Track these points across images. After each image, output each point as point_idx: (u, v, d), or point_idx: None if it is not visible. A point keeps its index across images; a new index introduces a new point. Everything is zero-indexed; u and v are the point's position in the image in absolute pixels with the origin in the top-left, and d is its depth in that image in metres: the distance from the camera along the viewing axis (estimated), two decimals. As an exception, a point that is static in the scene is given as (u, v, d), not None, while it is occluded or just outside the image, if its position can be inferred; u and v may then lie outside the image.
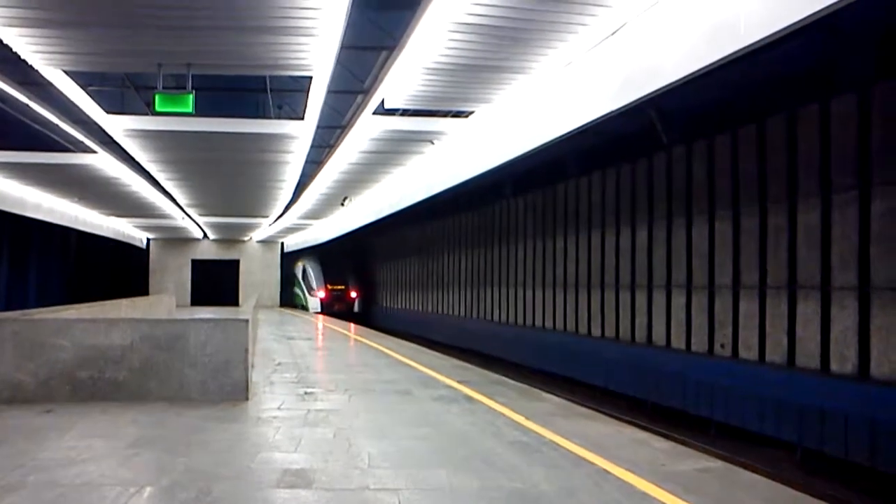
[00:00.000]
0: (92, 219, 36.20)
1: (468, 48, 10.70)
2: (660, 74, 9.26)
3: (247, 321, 10.25)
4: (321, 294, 46.68)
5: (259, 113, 17.97)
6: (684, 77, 8.84)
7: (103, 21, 10.57)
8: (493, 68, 11.82)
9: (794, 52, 10.74)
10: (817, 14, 6.96)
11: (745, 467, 7.51)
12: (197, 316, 14.00)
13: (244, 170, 22.56)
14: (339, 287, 47.19)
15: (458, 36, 10.20)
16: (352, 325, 31.79)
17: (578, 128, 12.02)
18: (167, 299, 32.89)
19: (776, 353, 12.61)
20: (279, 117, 17.72)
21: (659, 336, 15.92)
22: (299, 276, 51.07)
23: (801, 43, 9.60)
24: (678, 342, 15.24)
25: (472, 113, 15.33)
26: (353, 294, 47.20)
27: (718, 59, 8.16)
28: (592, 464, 6.48)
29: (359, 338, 22.46)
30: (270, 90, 16.29)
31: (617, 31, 10.11)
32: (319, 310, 45.23)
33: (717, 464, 6.86)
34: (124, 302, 21.84)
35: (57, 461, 6.37)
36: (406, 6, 9.60)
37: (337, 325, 30.01)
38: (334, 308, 45.41)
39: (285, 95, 17.21)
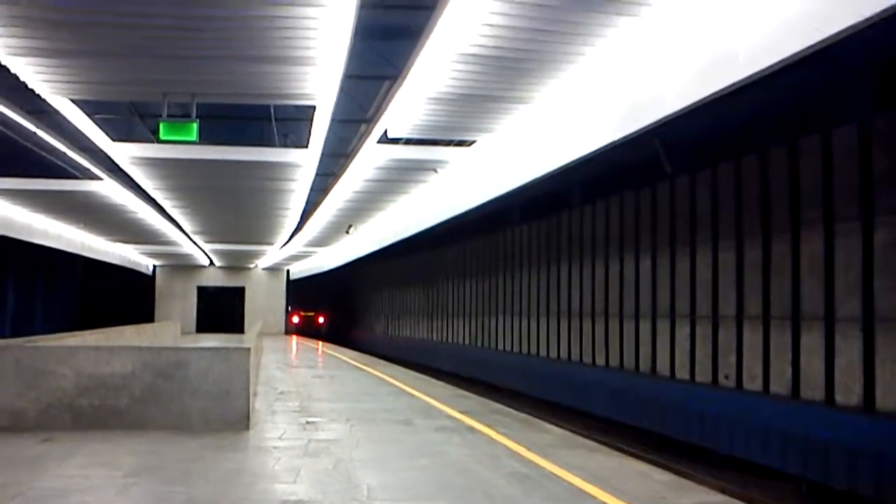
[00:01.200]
0: (98, 245, 36.34)
1: (470, 78, 10.80)
2: (661, 105, 9.31)
3: (249, 350, 10.25)
4: (295, 319, 57.82)
5: (264, 141, 18.10)
6: (685, 108, 8.88)
7: (109, 51, 10.71)
8: (495, 98, 11.92)
9: (796, 82, 10.78)
10: (815, 46, 7.01)
11: (748, 501, 7.44)
12: (200, 344, 13.99)
13: (249, 197, 22.68)
14: (310, 314, 60.34)
15: (459, 66, 10.29)
16: (355, 353, 31.74)
17: (582, 157, 12.07)
18: (172, 326, 32.91)
19: (781, 383, 12.52)
20: (284, 146, 17.84)
21: (663, 366, 15.85)
22: None
23: (802, 73, 9.64)
24: (682, 372, 15.17)
25: (474, 142, 15.42)
26: (321, 319, 60.31)
27: (718, 90, 8.21)
28: (592, 497, 6.43)
29: (361, 366, 22.42)
30: (275, 119, 16.42)
31: (618, 61, 10.17)
32: (295, 330, 54.73)
33: (718, 497, 6.81)
34: (128, 329, 21.85)
35: (55, 490, 6.35)
36: (408, 37, 9.70)
37: (341, 354, 29.96)
38: (305, 329, 56.34)
39: (290, 124, 17.34)
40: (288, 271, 51.05)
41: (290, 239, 33.39)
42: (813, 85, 11.27)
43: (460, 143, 15.76)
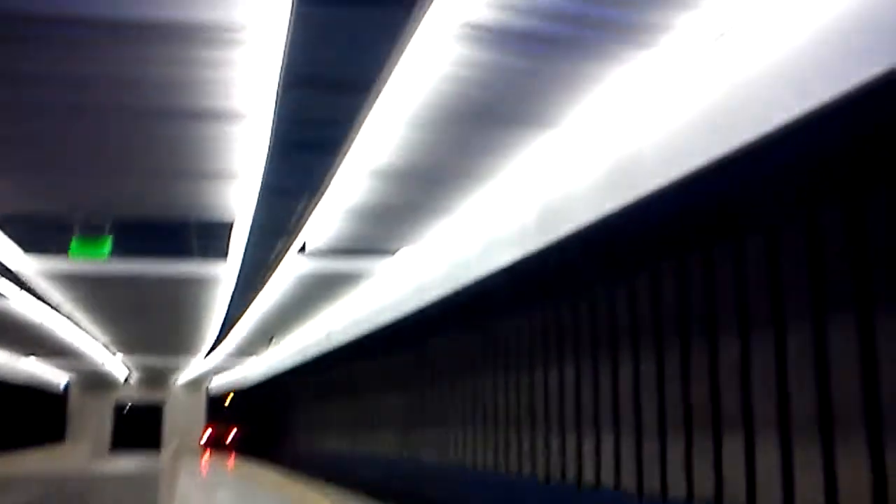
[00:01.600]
0: (3, 361, 34.77)
1: (387, 192, 10.88)
2: (572, 215, 9.49)
3: (162, 474, 9.78)
4: (216, 434, 57.39)
5: (182, 252, 17.72)
6: (596, 218, 9.06)
7: (17, 166, 10.50)
8: (413, 211, 12.02)
9: (706, 190, 11.10)
10: (718, 158, 7.26)
11: None
12: (113, 465, 13.31)
13: (167, 311, 22.19)
14: (220, 427, 59.47)
15: (376, 181, 10.37)
16: (278, 471, 30.75)
17: (499, 268, 12.15)
18: (82, 448, 31.43)
19: (704, 491, 12.46)
20: (203, 257, 17.52)
21: (588, 476, 15.66)
22: None
23: (709, 182, 9.95)
24: (608, 481, 14.99)
25: (397, 251, 15.45)
26: (232, 433, 59.31)
27: (624, 203, 8.40)
28: None
29: (282, 485, 21.65)
30: (193, 231, 16.18)
31: (536, 173, 10.40)
32: (204, 442, 54.53)
33: None
34: (34, 454, 20.73)
35: None
36: (325, 151, 9.76)
37: (263, 471, 28.98)
38: (215, 442, 56.31)
39: (208, 235, 17.11)
40: (208, 386, 49.65)
41: (210, 352, 32.59)
42: (721, 193, 11.62)
43: (383, 253, 15.76)
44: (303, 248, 14.68)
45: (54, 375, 43.89)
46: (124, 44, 7.53)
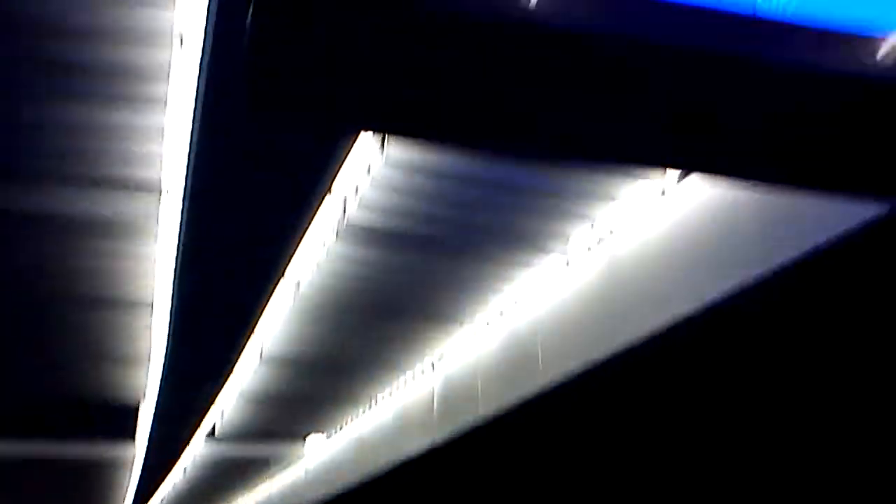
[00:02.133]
0: None
1: (291, 379, 10.86)
2: (472, 408, 9.57)
3: None
4: None
5: (87, 433, 17.07)
6: (494, 412, 9.15)
7: None
8: (320, 398, 11.96)
9: (605, 383, 11.25)
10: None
11: None
12: None
13: (72, 494, 21.05)
14: None
15: (278, 368, 10.37)
16: None
17: (408, 457, 11.99)
18: None
19: None
20: (109, 439, 16.91)
21: None
22: None
23: (607, 375, 10.12)
24: None
25: (306, 436, 15.20)
26: None
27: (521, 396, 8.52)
28: None
29: None
30: (99, 412, 15.72)
31: (434, 364, 10.56)
32: None
33: None
34: None
35: None
36: (226, 339, 9.79)
37: None
38: None
39: (115, 417, 16.63)
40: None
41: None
42: (619, 384, 11.77)
43: (291, 439, 15.44)
44: (212, 432, 14.37)
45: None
46: (33, 233, 7.70)
